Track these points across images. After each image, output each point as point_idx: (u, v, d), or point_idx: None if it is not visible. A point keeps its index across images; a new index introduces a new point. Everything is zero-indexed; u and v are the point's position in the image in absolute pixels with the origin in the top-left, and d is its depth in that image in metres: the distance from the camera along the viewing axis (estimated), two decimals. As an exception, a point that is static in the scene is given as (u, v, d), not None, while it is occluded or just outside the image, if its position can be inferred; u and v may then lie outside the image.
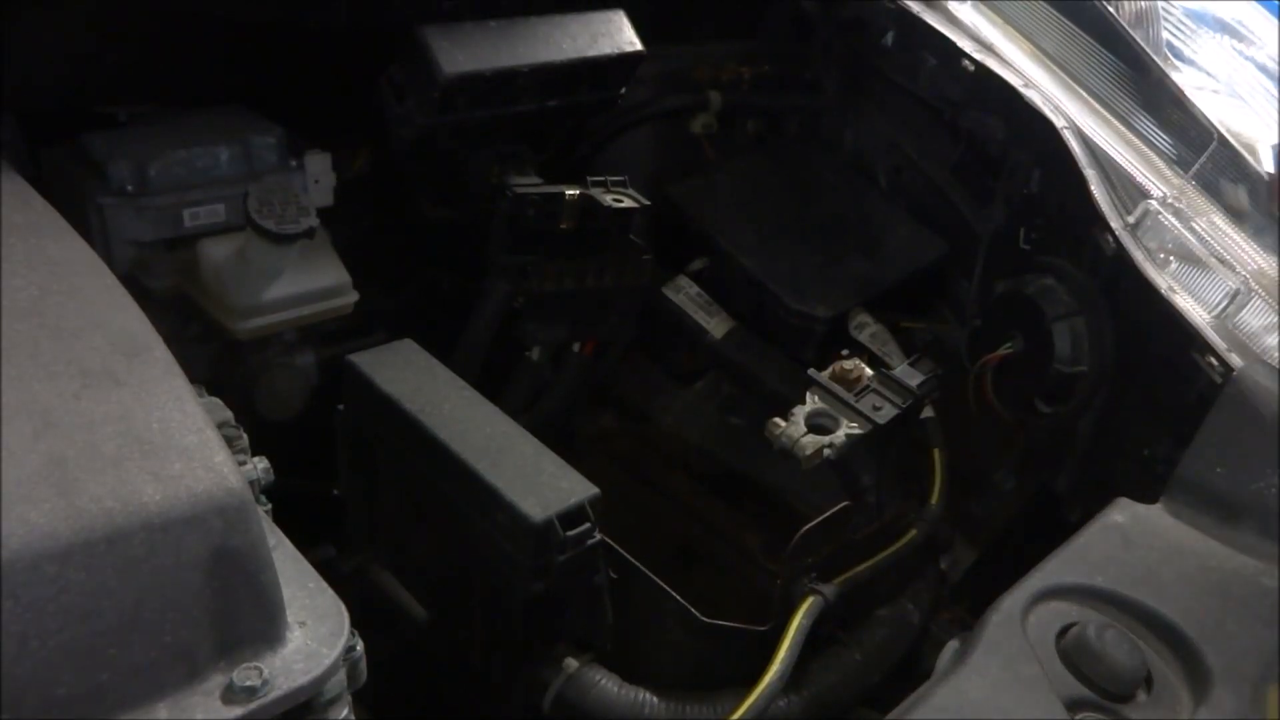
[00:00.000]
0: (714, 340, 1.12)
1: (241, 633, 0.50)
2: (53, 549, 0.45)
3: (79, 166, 0.94)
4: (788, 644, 0.83)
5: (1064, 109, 0.95)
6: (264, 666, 0.50)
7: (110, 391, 0.52)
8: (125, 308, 0.59)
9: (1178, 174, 0.94)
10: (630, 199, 0.99)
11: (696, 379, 1.30)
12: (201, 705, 0.48)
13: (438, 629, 0.98)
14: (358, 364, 0.94)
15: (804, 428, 0.99)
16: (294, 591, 0.53)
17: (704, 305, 1.13)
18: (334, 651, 0.52)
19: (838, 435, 0.98)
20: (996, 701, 0.59)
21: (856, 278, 1.14)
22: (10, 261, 0.59)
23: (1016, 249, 1.00)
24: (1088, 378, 0.90)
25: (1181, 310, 0.83)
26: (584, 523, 0.82)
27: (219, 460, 0.51)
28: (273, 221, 0.93)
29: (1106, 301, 0.89)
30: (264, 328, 0.99)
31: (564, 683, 0.86)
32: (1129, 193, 0.91)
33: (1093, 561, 0.70)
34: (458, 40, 0.99)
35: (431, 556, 0.94)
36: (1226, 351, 0.80)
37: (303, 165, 1.02)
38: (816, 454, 0.98)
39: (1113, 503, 0.76)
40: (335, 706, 0.53)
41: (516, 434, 0.89)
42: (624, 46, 1.10)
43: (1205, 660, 0.64)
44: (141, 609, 0.47)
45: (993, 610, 0.65)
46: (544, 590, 0.83)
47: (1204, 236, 0.89)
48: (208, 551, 0.49)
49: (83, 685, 0.46)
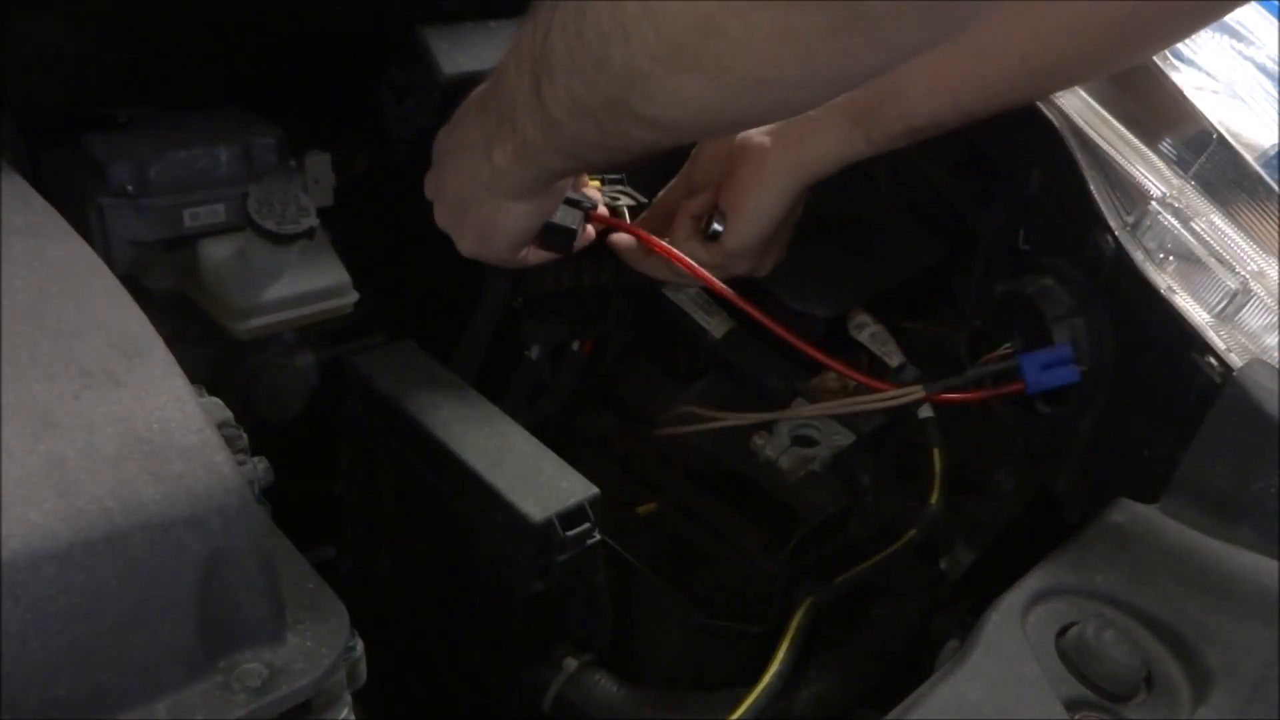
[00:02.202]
0: (714, 340, 1.12)
1: (241, 633, 0.50)
2: (53, 549, 0.45)
3: (79, 167, 0.94)
4: (787, 644, 0.83)
5: (1063, 109, 0.95)
6: (264, 666, 0.50)
7: (110, 391, 0.52)
8: (125, 308, 0.59)
9: (1177, 174, 0.94)
10: (628, 197, 0.99)
11: (696, 379, 1.30)
12: (201, 705, 0.48)
13: (438, 629, 0.98)
14: (358, 364, 0.94)
15: (787, 441, 1.00)
16: (294, 591, 0.54)
17: (704, 305, 1.13)
18: (334, 651, 0.52)
19: (821, 449, 0.99)
20: (996, 701, 0.59)
21: (856, 278, 1.14)
22: (10, 262, 0.59)
23: (1016, 249, 1.00)
24: (1087, 378, 0.90)
25: (1181, 310, 0.83)
26: (584, 523, 0.82)
27: (219, 460, 0.51)
28: (273, 221, 0.93)
29: (1106, 302, 0.89)
30: (264, 328, 0.99)
31: (564, 682, 0.86)
32: (1129, 193, 0.91)
33: (1093, 561, 0.70)
34: (458, 40, 0.99)
35: (431, 556, 0.94)
36: (1226, 351, 0.80)
37: (303, 165, 1.02)
38: (800, 466, 0.98)
39: (1113, 503, 0.76)
40: (335, 706, 0.53)
41: (516, 434, 0.89)
42: (624, 46, 1.10)
43: (1205, 660, 0.64)
44: (141, 609, 0.47)
45: (992, 610, 0.65)
46: (544, 590, 0.83)
47: (1204, 236, 0.89)
48: (208, 551, 0.49)
49: (83, 685, 0.46)
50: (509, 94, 0.71)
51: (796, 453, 1.00)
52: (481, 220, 0.82)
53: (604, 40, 0.60)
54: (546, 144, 0.71)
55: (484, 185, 0.78)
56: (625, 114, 0.63)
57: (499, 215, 0.81)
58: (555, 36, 0.64)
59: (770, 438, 1.01)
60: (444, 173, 0.83)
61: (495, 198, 0.79)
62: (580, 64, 0.63)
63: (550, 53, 0.65)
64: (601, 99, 0.64)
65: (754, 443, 1.02)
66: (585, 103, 0.65)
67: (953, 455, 0.98)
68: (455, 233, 0.86)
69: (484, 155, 0.76)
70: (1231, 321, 0.85)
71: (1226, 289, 0.86)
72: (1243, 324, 0.85)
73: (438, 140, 0.85)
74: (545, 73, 0.66)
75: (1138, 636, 0.65)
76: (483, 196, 0.79)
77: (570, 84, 0.64)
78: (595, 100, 0.64)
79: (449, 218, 0.86)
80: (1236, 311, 0.85)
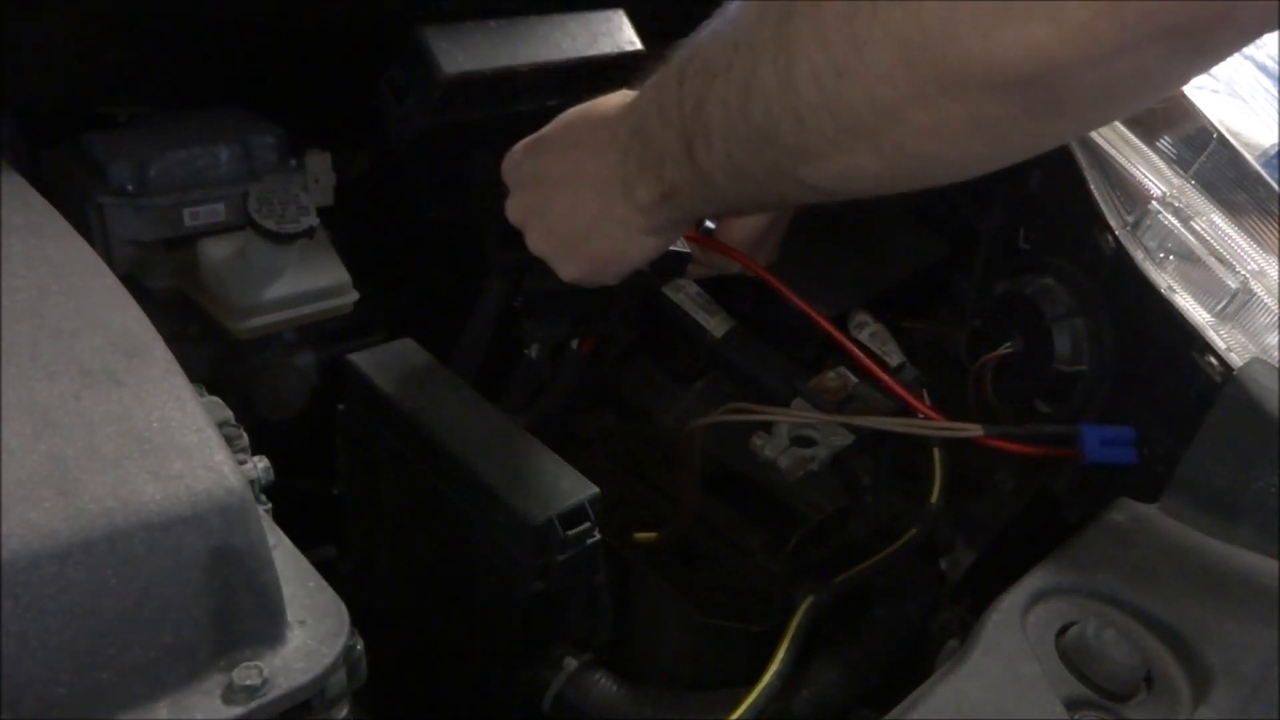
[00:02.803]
0: (714, 340, 1.12)
1: (241, 632, 0.50)
2: (53, 548, 0.45)
3: (79, 167, 0.94)
4: (787, 643, 0.83)
5: (1064, 109, 0.95)
6: (264, 666, 0.50)
7: (110, 391, 0.52)
8: (125, 308, 0.59)
9: (1178, 173, 0.94)
10: None
11: (696, 379, 1.29)
12: (201, 704, 0.48)
13: (438, 629, 0.98)
14: (357, 364, 0.94)
15: (786, 442, 1.00)
16: (294, 590, 0.54)
17: (704, 305, 1.13)
18: (334, 650, 0.52)
19: (820, 449, 0.99)
20: (996, 701, 0.59)
21: (856, 278, 1.14)
22: (10, 261, 0.59)
23: (1016, 248, 1.00)
24: (1088, 377, 0.90)
25: (1181, 309, 0.83)
26: (584, 522, 0.82)
27: (219, 459, 0.51)
28: (273, 221, 0.93)
29: (1106, 301, 0.89)
30: (264, 327, 0.99)
31: (564, 682, 0.86)
32: (1129, 192, 0.91)
33: (1093, 561, 0.70)
34: (458, 40, 0.99)
35: (431, 556, 0.94)
36: (1226, 351, 0.80)
37: (303, 165, 1.02)
38: (799, 467, 0.98)
39: (1113, 503, 0.76)
40: (336, 706, 0.53)
41: (516, 434, 0.89)
42: (624, 46, 1.10)
43: (1205, 659, 0.64)
44: (141, 608, 0.47)
45: (992, 610, 0.65)
46: (544, 590, 0.83)
47: (1204, 236, 0.89)
48: (208, 551, 0.49)
49: (83, 685, 0.46)
50: (654, 145, 0.69)
51: (796, 453, 1.00)
52: (606, 251, 0.79)
53: (774, 121, 0.59)
54: (697, 195, 0.69)
55: (618, 222, 0.76)
56: (788, 181, 0.62)
57: (629, 247, 0.78)
58: (713, 108, 0.63)
59: (769, 438, 1.01)
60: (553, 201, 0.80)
61: (630, 232, 0.77)
62: (744, 137, 0.61)
63: (707, 120, 0.63)
64: (766, 168, 0.63)
65: (753, 443, 1.02)
66: (746, 168, 0.64)
67: (953, 455, 0.97)
68: (558, 259, 0.83)
69: (621, 193, 0.74)
70: (1232, 321, 0.85)
71: (1227, 288, 0.86)
72: (1243, 323, 0.85)
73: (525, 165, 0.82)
74: (700, 136, 0.65)
75: (1138, 636, 0.65)
76: (612, 230, 0.77)
77: (731, 151, 0.63)
78: (758, 168, 0.63)
79: (548, 243, 0.82)
80: (1237, 311, 0.85)
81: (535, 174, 0.82)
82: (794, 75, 0.56)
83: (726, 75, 0.61)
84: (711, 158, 0.65)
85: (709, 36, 0.64)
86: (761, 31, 0.58)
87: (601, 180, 0.75)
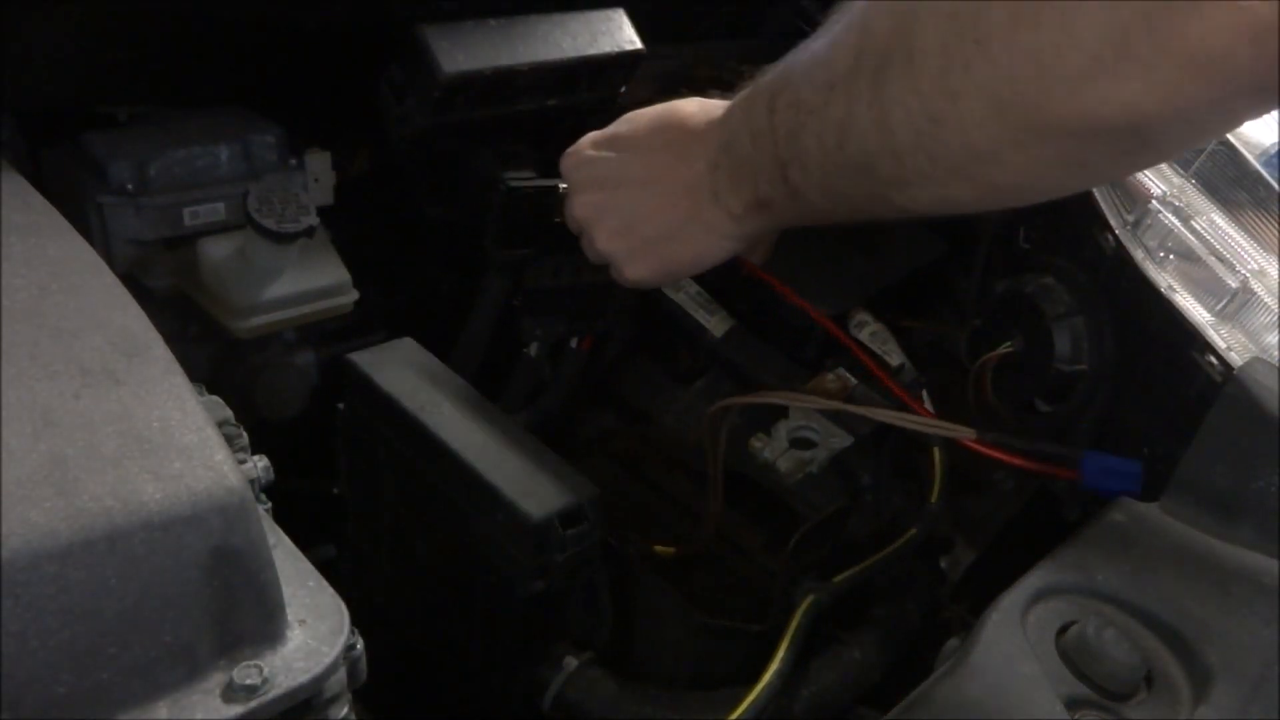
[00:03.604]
0: (714, 339, 1.12)
1: (241, 631, 0.50)
2: (53, 548, 0.45)
3: (79, 166, 0.94)
4: (787, 643, 0.83)
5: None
6: (264, 665, 0.50)
7: (110, 391, 0.52)
8: (125, 307, 0.59)
9: (1178, 173, 0.94)
10: None
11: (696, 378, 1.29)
12: (202, 704, 0.48)
13: (438, 628, 0.98)
14: (358, 363, 0.94)
15: (785, 444, 1.00)
16: (294, 590, 0.54)
17: (704, 304, 1.13)
18: (334, 650, 0.52)
19: (819, 451, 0.99)
20: (996, 700, 0.59)
21: (856, 277, 1.14)
22: (10, 260, 0.59)
23: (1016, 247, 1.00)
24: (1088, 377, 0.90)
25: (1181, 309, 0.83)
26: (583, 522, 0.82)
27: (219, 459, 0.51)
28: (273, 220, 0.93)
29: (1106, 300, 0.89)
30: (264, 326, 0.99)
31: (564, 681, 0.86)
32: (1129, 191, 0.91)
33: (1093, 560, 0.70)
34: (458, 40, 0.99)
35: (431, 556, 0.94)
36: (1226, 350, 0.80)
37: (303, 164, 1.02)
38: (798, 468, 0.98)
39: (1113, 502, 0.76)
40: (336, 705, 0.53)
41: (516, 433, 0.89)
42: (624, 45, 1.10)
43: (1205, 659, 0.64)
44: (141, 608, 0.47)
45: (992, 609, 0.65)
46: (544, 590, 0.83)
47: (1204, 235, 0.89)
48: (208, 550, 0.49)
49: (83, 685, 0.46)
50: (746, 164, 0.71)
51: (794, 455, 1.00)
52: (686, 254, 0.80)
53: (870, 157, 0.61)
54: (789, 208, 0.71)
55: (706, 225, 0.77)
56: (882, 203, 0.64)
57: (711, 251, 0.79)
58: (808, 140, 0.64)
59: (769, 440, 1.01)
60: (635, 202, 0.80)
61: (716, 237, 0.77)
62: (841, 167, 0.63)
63: (802, 151, 0.65)
64: (863, 193, 0.65)
65: (752, 445, 1.02)
66: (842, 192, 0.66)
67: (953, 455, 0.97)
68: (628, 259, 0.82)
69: (712, 201, 0.75)
70: (1232, 320, 0.85)
71: (1227, 287, 0.86)
72: (1243, 322, 0.85)
73: (598, 164, 0.82)
74: (795, 163, 0.66)
75: (1138, 635, 0.65)
76: (697, 233, 0.78)
77: (827, 177, 0.65)
78: (855, 193, 0.65)
79: (619, 243, 0.82)
80: (1237, 310, 0.85)
81: (613, 174, 0.81)
82: (890, 120, 0.58)
83: (821, 114, 0.63)
84: (807, 181, 0.67)
85: (800, 73, 0.65)
86: (857, 79, 0.60)
87: (691, 185, 0.76)
